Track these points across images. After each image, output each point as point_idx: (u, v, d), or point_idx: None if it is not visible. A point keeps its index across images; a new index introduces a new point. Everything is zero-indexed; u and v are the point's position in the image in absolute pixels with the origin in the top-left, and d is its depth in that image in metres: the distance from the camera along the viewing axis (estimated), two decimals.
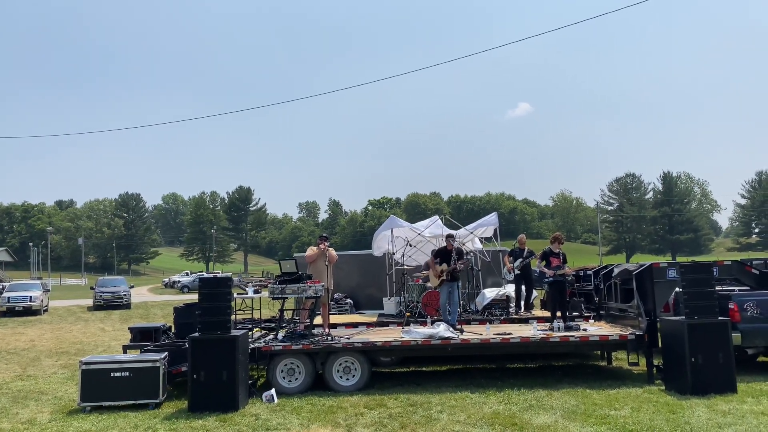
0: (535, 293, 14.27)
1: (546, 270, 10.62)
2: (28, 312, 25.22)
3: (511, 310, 12.65)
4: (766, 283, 10.09)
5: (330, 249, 10.61)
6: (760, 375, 9.31)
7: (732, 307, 9.28)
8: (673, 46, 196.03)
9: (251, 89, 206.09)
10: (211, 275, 32.97)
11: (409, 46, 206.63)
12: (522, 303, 12.78)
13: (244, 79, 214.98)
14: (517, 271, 12.70)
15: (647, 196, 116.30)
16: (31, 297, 25.62)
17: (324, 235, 11.03)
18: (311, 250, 10.64)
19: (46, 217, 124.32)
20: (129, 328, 11.43)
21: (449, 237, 11.35)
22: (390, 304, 13.59)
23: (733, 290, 10.23)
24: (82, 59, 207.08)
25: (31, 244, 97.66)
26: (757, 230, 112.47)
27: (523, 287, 12.90)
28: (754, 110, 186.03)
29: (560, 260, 10.65)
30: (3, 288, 29.00)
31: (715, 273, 9.15)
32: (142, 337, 10.78)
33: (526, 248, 12.90)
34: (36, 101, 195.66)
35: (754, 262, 11.63)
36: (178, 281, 51.79)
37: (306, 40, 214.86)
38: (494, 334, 9.60)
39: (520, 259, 12.70)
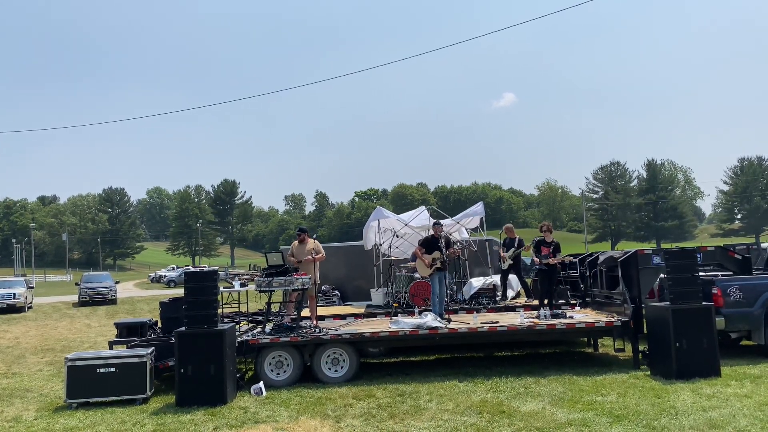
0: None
1: (535, 258, 10.82)
2: (12, 309, 24.92)
3: (497, 298, 12.70)
4: (748, 268, 10.23)
5: (316, 242, 10.62)
6: (743, 359, 9.45)
7: (715, 292, 9.39)
8: (656, 35, 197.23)
9: (235, 82, 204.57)
10: (197, 269, 32.80)
11: (393, 37, 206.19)
12: (508, 292, 12.82)
13: (228, 71, 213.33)
14: (510, 261, 12.68)
15: (632, 184, 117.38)
16: (15, 294, 25.30)
17: (302, 228, 11.00)
18: (293, 246, 10.64)
19: (28, 213, 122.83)
20: (115, 324, 11.35)
21: (436, 224, 11.10)
22: (378, 295, 13.58)
23: (717, 275, 10.34)
24: (64, 53, 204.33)
25: (14, 240, 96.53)
26: (739, 216, 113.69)
27: (515, 276, 12.91)
28: (736, 97, 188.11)
29: (550, 249, 10.83)
30: None
31: (698, 259, 9.24)
32: (129, 332, 10.71)
33: (517, 237, 12.88)
34: (16, 96, 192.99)
35: (736, 248, 11.78)
36: (164, 276, 51.46)
37: (291, 32, 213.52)
38: (481, 323, 9.63)
39: (513, 249, 12.66)
